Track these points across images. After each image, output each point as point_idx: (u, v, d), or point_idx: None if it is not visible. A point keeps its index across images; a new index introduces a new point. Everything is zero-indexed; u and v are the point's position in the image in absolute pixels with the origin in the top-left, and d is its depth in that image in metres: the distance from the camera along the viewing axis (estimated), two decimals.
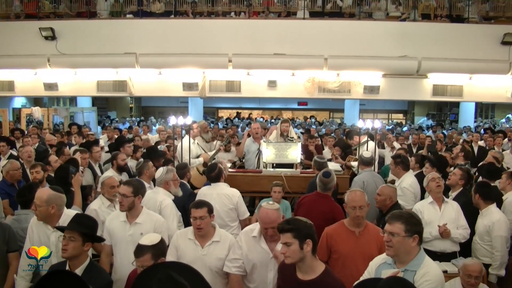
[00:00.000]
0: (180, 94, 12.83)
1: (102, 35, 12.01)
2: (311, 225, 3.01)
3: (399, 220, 2.92)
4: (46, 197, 3.86)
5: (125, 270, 3.74)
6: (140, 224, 4.01)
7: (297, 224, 2.96)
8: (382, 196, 4.81)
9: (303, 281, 2.95)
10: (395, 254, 2.95)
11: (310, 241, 2.90)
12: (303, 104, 22.27)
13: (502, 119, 19.12)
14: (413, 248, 2.91)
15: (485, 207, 4.77)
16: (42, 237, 3.84)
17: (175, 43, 11.85)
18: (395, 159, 6.09)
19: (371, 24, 12.23)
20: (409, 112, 22.97)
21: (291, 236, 2.89)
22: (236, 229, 5.02)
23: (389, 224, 2.95)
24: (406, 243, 2.89)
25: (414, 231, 2.90)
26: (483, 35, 11.96)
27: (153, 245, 3.19)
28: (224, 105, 23.13)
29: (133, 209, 4.03)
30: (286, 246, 2.90)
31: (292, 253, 2.89)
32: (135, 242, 3.58)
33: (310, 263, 2.95)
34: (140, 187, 4.12)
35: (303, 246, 2.88)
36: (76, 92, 13.74)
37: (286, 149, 7.30)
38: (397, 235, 2.89)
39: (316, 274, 2.95)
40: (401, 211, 3.18)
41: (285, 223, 3.00)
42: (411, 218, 2.96)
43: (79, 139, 9.34)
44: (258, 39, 11.86)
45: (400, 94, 13.04)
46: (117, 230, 4.03)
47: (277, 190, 5.63)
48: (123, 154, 6.39)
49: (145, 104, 23.29)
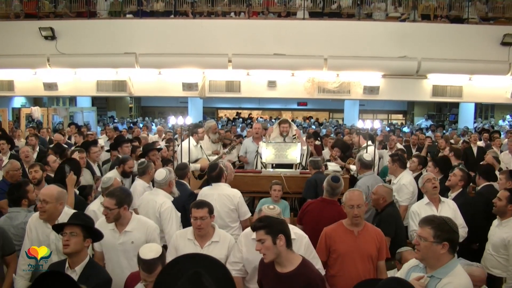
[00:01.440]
0: (180, 94, 12.83)
1: (101, 35, 12.01)
2: (282, 221, 3.20)
3: (430, 225, 2.85)
4: (56, 193, 3.89)
5: (117, 278, 3.63)
6: (130, 232, 3.87)
7: (269, 221, 3.09)
8: (375, 195, 4.84)
9: (282, 273, 3.08)
10: (422, 258, 2.91)
11: (282, 235, 3.02)
12: (302, 104, 22.28)
13: (500, 120, 19.15)
14: (443, 255, 2.82)
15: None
16: (41, 235, 3.82)
17: (175, 43, 11.86)
18: (392, 157, 6.14)
19: (370, 25, 12.24)
20: (408, 113, 22.98)
21: (264, 233, 3.03)
22: (237, 230, 5.00)
23: (420, 227, 2.91)
24: (434, 249, 2.81)
25: (444, 238, 2.81)
26: (483, 36, 11.97)
27: (161, 255, 3.08)
28: (223, 105, 23.13)
29: (121, 218, 3.87)
30: (260, 243, 3.03)
31: (266, 249, 3.02)
32: (126, 251, 3.55)
33: (286, 256, 3.08)
34: (124, 197, 3.89)
35: (276, 241, 3.00)
36: (76, 92, 13.73)
37: (286, 150, 7.31)
38: (424, 239, 2.84)
39: (294, 266, 3.07)
40: (434, 216, 3.06)
41: (257, 221, 3.14)
42: (443, 224, 2.86)
43: (79, 139, 9.35)
44: (257, 39, 11.87)
45: (399, 94, 13.05)
46: (106, 238, 3.81)
47: (277, 188, 5.64)
48: (132, 161, 6.26)
49: (144, 104, 23.29)
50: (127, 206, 3.92)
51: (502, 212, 4.53)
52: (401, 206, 5.48)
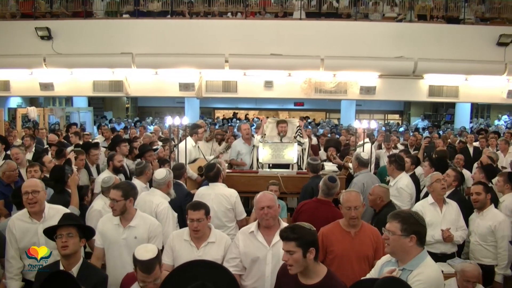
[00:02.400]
0: (177, 94, 12.79)
1: (98, 35, 11.97)
2: (314, 232, 2.98)
3: (396, 219, 2.91)
4: (40, 182, 4.01)
5: (118, 274, 3.68)
6: (134, 228, 3.94)
7: (302, 232, 2.89)
8: (372, 196, 4.84)
9: (307, 285, 2.92)
10: (392, 252, 2.96)
11: (313, 249, 2.87)
12: (299, 104, 22.29)
13: (496, 120, 19.22)
14: (411, 247, 2.86)
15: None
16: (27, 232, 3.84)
17: (172, 43, 11.84)
18: (389, 158, 6.13)
19: (367, 25, 12.26)
20: (405, 113, 23.05)
21: (294, 245, 2.84)
22: (233, 230, 5.00)
23: (388, 222, 2.96)
24: (402, 242, 2.86)
25: (412, 231, 2.85)
26: (479, 36, 12.00)
27: (157, 255, 3.07)
28: (220, 106, 23.13)
29: (126, 212, 3.94)
30: (288, 254, 2.86)
31: (295, 262, 2.85)
32: (129, 246, 3.57)
33: (313, 269, 2.93)
34: (130, 189, 4.00)
35: (307, 255, 2.85)
36: (72, 92, 13.71)
37: (283, 150, 7.31)
38: (392, 233, 2.88)
39: (319, 278, 2.92)
40: (401, 210, 3.15)
41: (290, 231, 2.90)
42: (409, 217, 2.91)
43: (76, 139, 9.33)
44: (254, 40, 11.86)
45: (396, 94, 13.07)
46: (110, 233, 3.95)
47: (273, 189, 5.63)
48: (119, 155, 6.34)
49: (141, 104, 23.27)
50: (133, 199, 4.01)
51: (484, 204, 4.78)
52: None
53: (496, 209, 4.87)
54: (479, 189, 4.79)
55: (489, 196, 4.81)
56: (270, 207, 3.63)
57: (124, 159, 6.73)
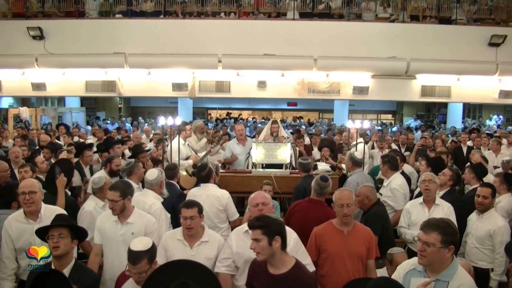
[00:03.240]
0: (170, 94, 12.78)
1: (91, 35, 11.93)
2: (280, 223, 3.14)
3: (436, 230, 2.77)
4: (37, 183, 4.01)
5: (116, 270, 3.74)
6: (131, 224, 4.00)
7: (267, 221, 3.05)
8: (360, 197, 4.82)
9: (275, 275, 3.05)
10: (428, 264, 2.82)
11: (279, 237, 3.01)
12: (292, 104, 22.33)
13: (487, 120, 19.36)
14: (448, 258, 2.80)
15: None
16: (23, 232, 3.83)
17: (165, 43, 11.82)
18: (383, 158, 6.12)
19: (360, 25, 12.30)
20: (398, 113, 23.15)
21: (260, 233, 3.00)
22: (225, 231, 4.99)
23: (424, 233, 2.81)
24: (441, 253, 2.76)
25: (451, 242, 2.77)
26: (471, 37, 12.09)
27: (148, 249, 3.13)
28: (214, 106, 23.10)
29: (125, 210, 4.02)
30: (255, 242, 3.01)
31: (262, 249, 3.00)
32: (126, 241, 3.57)
33: (280, 258, 3.06)
34: (126, 188, 4.09)
35: (272, 243, 2.98)
36: (65, 92, 13.65)
37: (276, 150, 7.32)
38: (432, 245, 2.75)
39: (287, 268, 3.06)
40: (438, 219, 2.94)
41: (255, 220, 3.10)
42: (448, 228, 2.81)
43: (68, 139, 9.28)
44: (247, 40, 11.87)
45: (389, 94, 13.13)
46: (108, 230, 4.02)
47: (267, 189, 5.62)
48: (118, 159, 6.26)
49: (134, 105, 23.19)
50: (130, 197, 4.12)
51: (487, 208, 4.65)
52: (398, 211, 5.43)
53: (497, 213, 4.77)
54: (487, 193, 4.64)
55: (493, 200, 4.71)
56: (265, 203, 3.71)
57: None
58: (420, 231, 2.85)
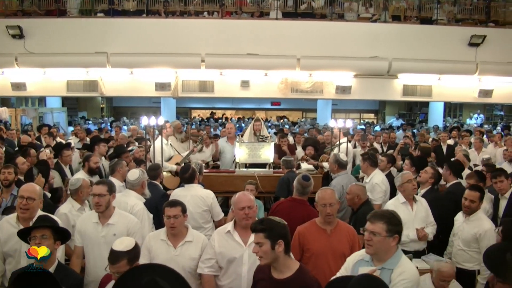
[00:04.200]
0: (153, 94, 12.72)
1: (72, 33, 11.79)
2: (284, 225, 3.01)
3: (381, 220, 2.91)
4: (39, 189, 3.94)
5: (98, 272, 3.68)
6: (113, 225, 3.96)
7: (270, 224, 2.96)
8: (350, 195, 4.89)
9: (279, 280, 2.97)
10: (374, 253, 2.95)
11: (282, 241, 2.92)
12: (276, 104, 22.39)
13: (468, 119, 19.66)
14: (393, 247, 2.93)
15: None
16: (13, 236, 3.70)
17: (147, 43, 11.74)
18: (363, 155, 6.24)
19: (342, 25, 12.39)
20: (380, 112, 23.37)
21: (263, 236, 2.91)
22: (210, 231, 4.97)
23: (371, 223, 2.94)
24: (386, 242, 2.89)
25: (395, 231, 2.91)
26: (451, 37, 12.27)
27: (129, 250, 3.09)
28: (197, 105, 23.03)
29: (108, 208, 3.98)
30: (258, 246, 2.93)
31: (264, 253, 2.92)
32: (108, 243, 3.54)
33: (284, 262, 2.98)
34: (112, 185, 4.10)
35: (275, 247, 2.90)
36: (45, 92, 13.47)
37: (259, 149, 7.33)
38: (378, 234, 2.89)
39: (291, 272, 2.97)
40: (382, 211, 3.13)
41: (258, 223, 3.00)
42: (393, 218, 2.95)
43: (49, 140, 9.16)
44: (231, 39, 11.86)
45: (371, 94, 13.25)
46: (89, 232, 3.96)
47: (250, 188, 5.63)
48: (96, 157, 6.21)
49: (116, 104, 22.98)
50: (115, 194, 4.10)
51: (474, 211, 4.65)
52: (375, 205, 5.53)
53: (484, 215, 4.78)
54: (475, 197, 4.62)
55: (481, 203, 4.70)
56: (251, 207, 3.65)
57: (101, 160, 6.64)
58: (367, 222, 2.98)
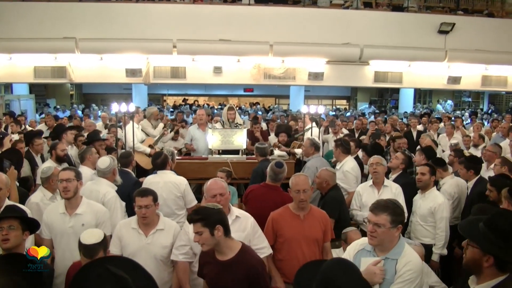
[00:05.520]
0: (123, 80, 12.49)
1: (39, 18, 11.44)
2: (219, 210, 3.09)
3: (385, 212, 2.88)
4: (5, 178, 3.86)
5: (67, 264, 3.62)
6: (80, 215, 3.89)
7: (205, 212, 3.01)
8: (319, 179, 4.96)
9: (222, 261, 3.06)
10: (378, 244, 2.93)
11: (220, 226, 2.98)
12: (249, 90, 22.33)
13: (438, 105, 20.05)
14: (396, 237, 2.92)
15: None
16: None
17: (117, 28, 11.50)
18: (336, 142, 6.28)
19: (315, 11, 12.40)
20: (352, 98, 23.60)
21: (201, 225, 2.96)
22: (183, 218, 4.93)
23: (374, 214, 2.90)
24: (390, 233, 2.87)
25: (399, 221, 2.89)
26: (421, 24, 12.46)
27: (102, 240, 3.09)
28: (169, 92, 22.74)
29: (73, 198, 3.90)
30: (198, 235, 2.99)
31: (205, 240, 2.98)
32: (77, 234, 3.49)
33: (225, 245, 3.06)
34: (79, 172, 4.04)
35: (214, 232, 2.96)
36: (11, 79, 13.04)
37: (232, 135, 7.32)
38: (383, 226, 2.85)
39: (234, 253, 3.06)
40: (386, 201, 3.02)
41: (193, 214, 3.06)
42: (396, 208, 2.92)
43: (16, 128, 8.93)
44: (203, 25, 11.73)
45: (343, 80, 13.37)
46: (56, 223, 3.89)
47: (221, 175, 5.59)
48: (63, 144, 6.10)
49: (86, 91, 22.49)
50: (82, 182, 4.05)
51: (427, 185, 4.92)
52: (350, 193, 5.60)
53: (438, 191, 5.04)
54: (424, 170, 4.92)
55: (433, 178, 4.96)
56: (222, 194, 3.65)
57: (68, 148, 6.51)
58: (369, 213, 2.95)
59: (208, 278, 3.19)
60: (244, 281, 3.00)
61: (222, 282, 3.05)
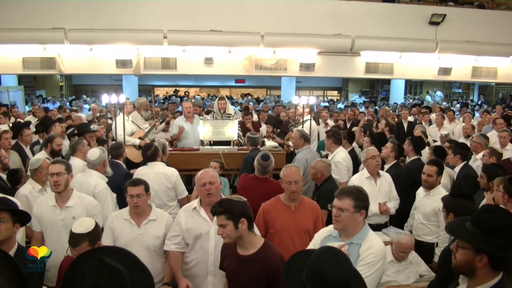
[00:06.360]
0: (113, 71, 12.39)
1: (27, 8, 11.26)
2: (243, 203, 3.05)
3: (349, 196, 2.95)
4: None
5: (58, 257, 3.58)
6: (71, 208, 3.89)
7: (230, 205, 2.99)
8: (314, 170, 4.97)
9: (244, 256, 3.03)
10: (342, 228, 2.99)
11: (244, 219, 2.96)
12: (240, 81, 22.30)
13: (427, 96, 20.14)
14: (360, 222, 2.97)
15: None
16: None
17: (107, 18, 11.38)
18: (327, 133, 6.32)
19: (306, 2, 12.33)
20: (343, 89, 23.63)
21: (225, 218, 2.94)
22: (174, 209, 4.97)
23: (338, 199, 2.98)
24: (354, 218, 2.93)
25: (362, 207, 2.95)
26: (413, 15, 12.47)
27: (89, 232, 3.07)
28: (160, 83, 22.64)
29: (64, 191, 3.89)
30: (221, 227, 2.96)
31: (229, 233, 2.96)
32: (68, 226, 3.48)
33: (248, 239, 3.03)
34: (69, 165, 4.02)
35: (238, 226, 2.94)
36: (0, 70, 12.91)
37: (223, 126, 7.31)
38: (346, 210, 2.92)
39: (256, 249, 3.03)
40: (349, 187, 3.14)
41: (217, 206, 3.01)
42: (359, 194, 2.99)
43: (5, 120, 8.85)
44: (194, 15, 11.64)
45: (334, 71, 13.35)
46: (46, 216, 3.87)
47: (213, 165, 5.62)
48: (59, 139, 6.01)
49: (76, 82, 22.29)
50: (72, 174, 4.03)
51: (433, 186, 4.82)
52: (342, 183, 5.60)
53: (443, 190, 4.92)
54: (432, 172, 4.78)
55: (439, 178, 4.87)
56: (212, 183, 3.64)
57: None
58: (335, 199, 3.02)
59: (228, 272, 3.19)
60: (263, 277, 2.98)
61: (241, 276, 3.04)
